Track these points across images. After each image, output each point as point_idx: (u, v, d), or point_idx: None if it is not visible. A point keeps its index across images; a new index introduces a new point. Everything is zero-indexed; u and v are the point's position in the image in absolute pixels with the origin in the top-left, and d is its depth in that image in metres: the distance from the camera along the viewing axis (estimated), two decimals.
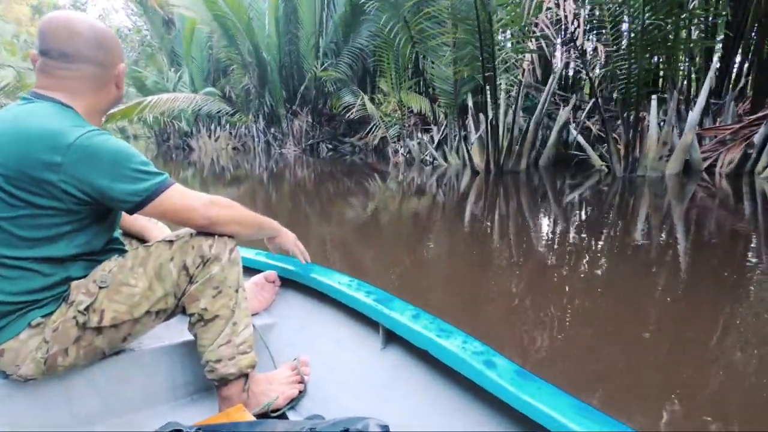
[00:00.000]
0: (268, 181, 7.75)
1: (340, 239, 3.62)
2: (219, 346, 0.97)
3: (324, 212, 4.79)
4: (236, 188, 7.03)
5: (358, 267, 2.86)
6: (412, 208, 4.67)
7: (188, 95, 9.68)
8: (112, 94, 0.97)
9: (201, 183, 7.84)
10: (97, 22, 0.93)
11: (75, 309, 0.89)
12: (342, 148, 12.37)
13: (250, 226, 1.04)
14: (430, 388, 0.94)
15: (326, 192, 6.17)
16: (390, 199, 5.28)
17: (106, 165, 0.82)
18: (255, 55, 11.29)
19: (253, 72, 11.93)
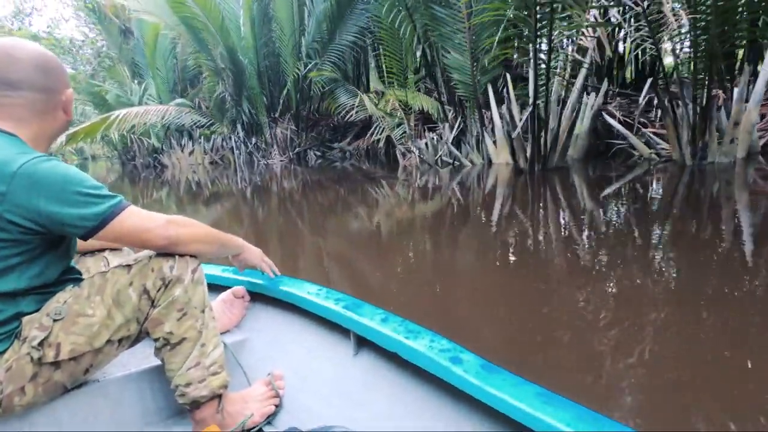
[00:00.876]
0: (253, 197, 6.74)
1: (367, 270, 2.65)
2: (188, 369, 0.94)
3: (333, 232, 3.85)
4: (218, 206, 6.03)
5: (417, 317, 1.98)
6: (462, 227, 3.54)
7: (159, 107, 8.54)
8: (59, 121, 0.94)
9: (177, 203, 6.76)
10: (41, 48, 0.91)
11: (28, 345, 0.85)
12: (331, 155, 11.45)
13: (212, 244, 1.01)
14: (402, 389, 0.96)
15: (329, 207, 5.18)
16: (426, 216, 4.18)
17: (54, 191, 0.80)
18: (230, 60, 10.23)
19: (228, 78, 10.86)
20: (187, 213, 5.48)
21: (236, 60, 10.16)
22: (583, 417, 0.65)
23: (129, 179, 11.88)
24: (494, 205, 4.26)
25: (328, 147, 11.71)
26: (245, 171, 10.95)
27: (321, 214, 4.75)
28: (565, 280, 2.18)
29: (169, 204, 6.66)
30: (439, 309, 1.97)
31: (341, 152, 11.64)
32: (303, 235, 3.86)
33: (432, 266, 2.57)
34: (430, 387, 0.91)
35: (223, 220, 4.87)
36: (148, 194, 8.16)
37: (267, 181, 8.46)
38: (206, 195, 7.23)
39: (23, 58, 0.85)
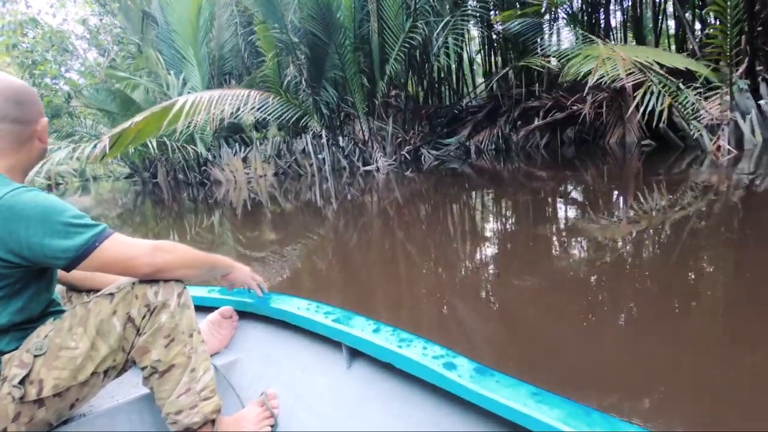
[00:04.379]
0: (387, 239, 3.74)
1: None
2: (178, 397, 0.92)
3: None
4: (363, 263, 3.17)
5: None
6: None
7: (238, 91, 5.51)
8: (35, 150, 0.91)
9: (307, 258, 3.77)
10: (13, 78, 0.89)
11: (9, 384, 0.81)
12: (443, 154, 8.38)
13: (200, 267, 0.98)
14: (397, 398, 0.95)
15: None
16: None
17: (35, 222, 0.77)
18: (316, 24, 7.19)
19: (303, 57, 7.84)
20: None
21: (329, 23, 7.09)
22: (577, 414, 0.67)
23: (165, 207, 8.73)
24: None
25: (440, 143, 8.64)
26: (332, 182, 7.87)
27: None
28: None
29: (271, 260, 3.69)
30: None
31: (460, 149, 8.57)
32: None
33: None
34: (426, 394, 0.90)
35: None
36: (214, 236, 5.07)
37: (389, 202, 5.44)
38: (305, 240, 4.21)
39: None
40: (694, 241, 2.66)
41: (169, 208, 8.19)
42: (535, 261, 2.64)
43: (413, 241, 3.43)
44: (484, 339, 1.80)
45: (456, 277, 2.54)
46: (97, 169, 25.65)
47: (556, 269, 2.44)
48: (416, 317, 2.03)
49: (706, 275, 2.21)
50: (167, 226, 5.92)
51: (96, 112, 11.34)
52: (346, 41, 7.27)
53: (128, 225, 6.59)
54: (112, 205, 10.65)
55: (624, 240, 2.82)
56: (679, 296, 1.98)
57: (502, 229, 3.62)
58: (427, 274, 2.61)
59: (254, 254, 3.54)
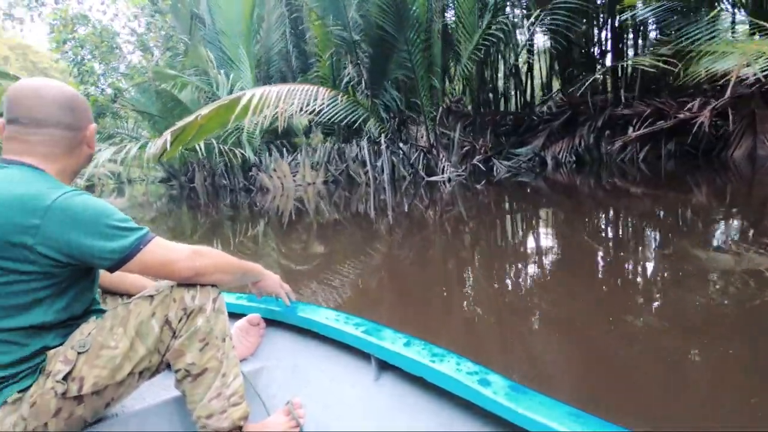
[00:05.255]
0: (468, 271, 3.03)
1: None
2: (210, 400, 0.93)
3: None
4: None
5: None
6: None
7: (308, 87, 4.84)
8: (83, 155, 0.94)
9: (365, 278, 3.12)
10: (66, 86, 0.92)
11: (53, 380, 0.83)
12: (514, 165, 7.51)
13: (234, 273, 1.01)
14: (427, 413, 0.94)
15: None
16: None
17: (85, 224, 0.80)
18: (381, 19, 6.50)
19: (364, 58, 7.17)
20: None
21: (401, 16, 6.39)
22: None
23: (201, 212, 8.14)
24: None
25: (512, 153, 7.77)
26: (390, 193, 7.10)
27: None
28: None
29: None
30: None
31: (533, 160, 7.68)
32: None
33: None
34: (456, 410, 0.89)
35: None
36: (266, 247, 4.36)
37: (449, 216, 4.71)
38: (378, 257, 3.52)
39: (49, 98, 0.87)
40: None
41: (206, 213, 7.67)
42: (637, 298, 2.13)
43: (477, 265, 2.95)
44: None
45: (529, 314, 2.09)
46: (132, 172, 25.89)
47: (664, 311, 1.94)
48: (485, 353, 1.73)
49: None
50: (206, 234, 5.46)
51: (138, 115, 11.04)
52: (418, 38, 6.55)
53: (167, 232, 6.03)
54: (147, 208, 10.31)
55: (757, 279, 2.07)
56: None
57: (593, 258, 2.87)
58: (491, 305, 2.22)
59: (297, 267, 3.23)
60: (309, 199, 7.86)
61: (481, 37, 6.65)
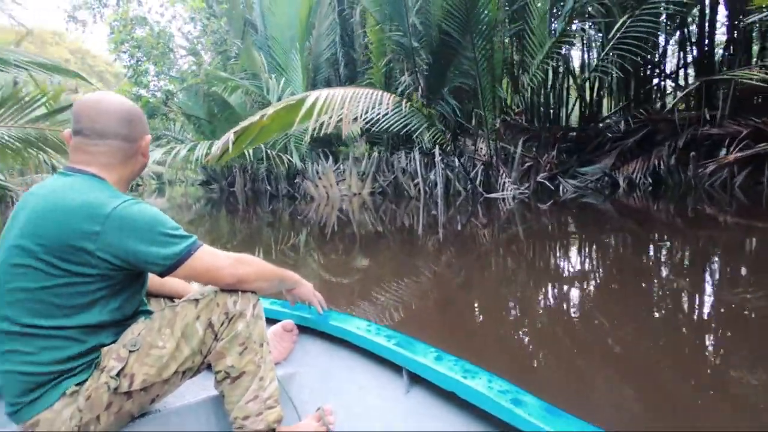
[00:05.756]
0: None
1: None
2: (247, 402, 0.96)
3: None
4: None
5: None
6: None
7: (374, 91, 4.47)
8: (138, 164, 0.99)
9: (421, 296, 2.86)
10: (124, 99, 0.97)
11: (107, 375, 0.88)
12: (581, 185, 6.86)
13: (272, 281, 1.05)
14: (456, 428, 0.93)
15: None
16: None
17: (140, 232, 0.85)
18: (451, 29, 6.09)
19: (423, 64, 6.77)
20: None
21: (469, 20, 5.96)
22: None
23: (239, 217, 7.88)
24: None
25: (578, 172, 7.14)
26: (442, 208, 6.61)
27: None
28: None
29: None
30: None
31: (602, 180, 7.02)
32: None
33: None
34: (488, 428, 0.88)
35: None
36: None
37: (506, 236, 4.31)
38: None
39: (110, 111, 0.92)
40: None
41: (245, 219, 7.50)
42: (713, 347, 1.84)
43: (532, 293, 2.67)
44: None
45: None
46: (173, 174, 26.53)
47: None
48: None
49: None
50: (245, 240, 5.26)
51: (185, 118, 11.11)
52: (486, 44, 6.11)
53: (206, 235, 5.80)
54: (186, 210, 10.34)
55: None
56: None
57: (670, 296, 2.48)
58: (542, 339, 2.01)
59: (337, 279, 3.09)
60: (354, 210, 7.49)
61: (553, 45, 6.14)
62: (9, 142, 4.28)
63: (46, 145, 4.47)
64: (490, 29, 5.99)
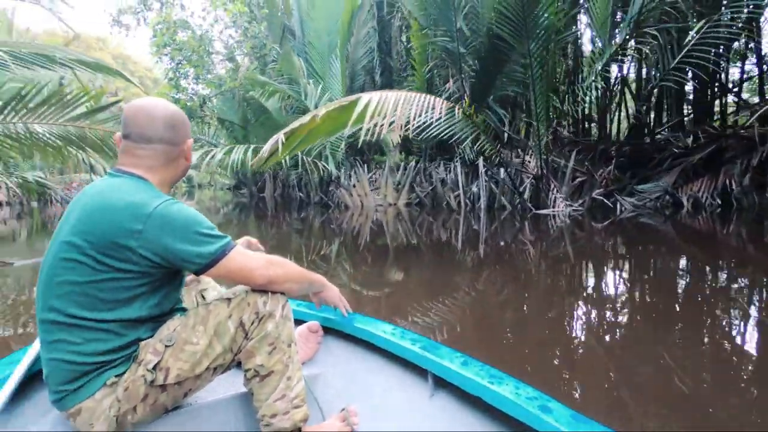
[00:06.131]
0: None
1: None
2: (275, 401, 0.98)
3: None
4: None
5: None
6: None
7: (426, 97, 4.14)
8: (180, 167, 1.03)
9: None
10: (169, 104, 1.00)
11: (144, 368, 0.91)
12: (639, 203, 6.29)
13: (301, 283, 1.07)
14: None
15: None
16: None
17: (179, 231, 0.88)
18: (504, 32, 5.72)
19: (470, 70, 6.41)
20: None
21: (525, 23, 5.58)
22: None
23: (267, 223, 7.63)
24: None
25: (636, 190, 6.58)
26: (485, 222, 6.17)
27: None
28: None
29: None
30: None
31: (662, 199, 6.43)
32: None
33: None
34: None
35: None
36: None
37: (553, 255, 3.99)
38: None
39: (158, 117, 0.96)
40: None
41: (274, 225, 7.31)
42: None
43: (578, 321, 2.42)
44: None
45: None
46: (203, 178, 26.93)
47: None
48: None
49: None
50: (277, 246, 5.08)
51: (218, 123, 11.09)
52: (543, 49, 5.70)
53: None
54: (215, 213, 10.25)
55: None
56: None
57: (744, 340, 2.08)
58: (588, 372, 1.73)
59: (368, 292, 3.01)
60: (388, 221, 7.14)
61: (615, 53, 5.68)
62: (51, 140, 4.20)
63: (85, 144, 4.39)
64: (548, 34, 5.59)
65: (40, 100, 4.02)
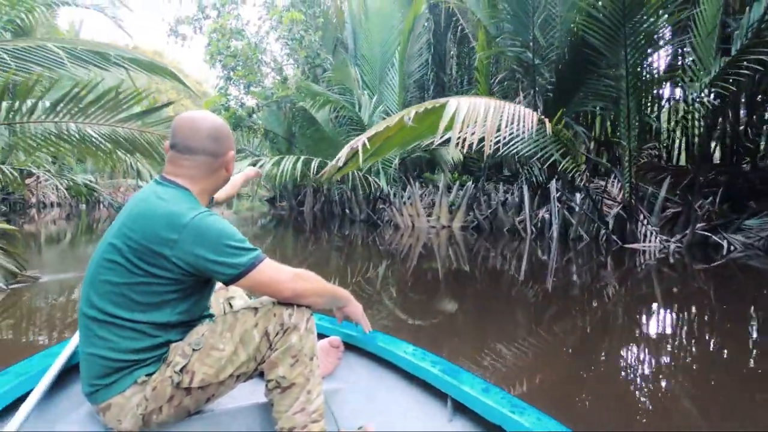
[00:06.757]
0: None
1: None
2: (294, 414, 0.99)
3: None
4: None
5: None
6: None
7: (512, 106, 3.50)
8: (221, 178, 1.06)
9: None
10: (214, 117, 1.04)
11: (172, 369, 0.94)
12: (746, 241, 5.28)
13: (326, 297, 1.08)
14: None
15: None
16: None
17: (212, 242, 0.91)
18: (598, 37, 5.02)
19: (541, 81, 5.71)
20: None
21: (621, 26, 4.85)
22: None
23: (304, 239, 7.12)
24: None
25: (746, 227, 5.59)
26: (556, 253, 5.39)
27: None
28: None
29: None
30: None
31: None
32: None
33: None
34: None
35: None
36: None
37: (636, 297, 3.52)
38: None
39: (203, 129, 1.00)
40: None
41: (311, 241, 7.00)
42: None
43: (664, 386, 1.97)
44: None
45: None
46: (243, 188, 27.28)
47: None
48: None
49: None
50: (317, 264, 4.87)
51: (263, 134, 10.89)
52: (641, 59, 4.94)
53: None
54: (252, 224, 10.05)
55: None
56: None
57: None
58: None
59: (413, 321, 2.78)
60: (441, 244, 6.49)
61: (729, 65, 4.85)
62: (102, 144, 4.01)
63: (135, 149, 4.21)
64: (648, 40, 4.84)
65: (92, 98, 3.84)
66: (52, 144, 3.89)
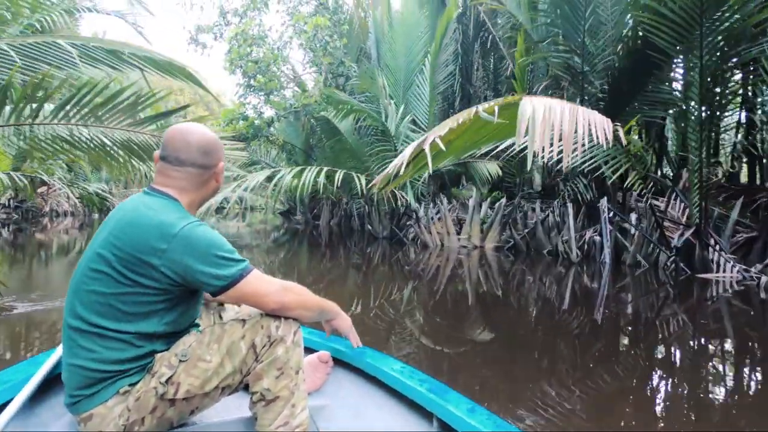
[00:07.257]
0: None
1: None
2: (277, 428, 0.97)
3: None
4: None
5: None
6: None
7: (590, 111, 2.96)
8: (210, 189, 1.06)
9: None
10: (205, 130, 1.04)
11: (157, 380, 0.92)
12: None
13: (314, 310, 1.07)
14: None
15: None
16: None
17: (201, 252, 0.90)
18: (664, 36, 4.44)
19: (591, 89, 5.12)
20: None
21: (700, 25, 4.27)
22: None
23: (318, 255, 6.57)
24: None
25: None
26: (607, 280, 4.76)
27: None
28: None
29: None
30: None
31: None
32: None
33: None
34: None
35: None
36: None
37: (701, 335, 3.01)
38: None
39: (191, 142, 1.00)
40: None
41: (326, 257, 6.51)
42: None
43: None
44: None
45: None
46: (255, 200, 26.97)
47: None
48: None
49: None
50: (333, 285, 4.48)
51: (278, 147, 10.52)
52: (719, 62, 4.34)
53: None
54: (265, 237, 9.66)
55: None
56: None
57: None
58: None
59: (438, 347, 2.61)
60: (472, 266, 5.87)
61: None
62: (114, 152, 3.68)
63: (149, 157, 3.86)
64: (730, 40, 4.24)
65: (102, 100, 3.46)
66: (63, 151, 3.55)
